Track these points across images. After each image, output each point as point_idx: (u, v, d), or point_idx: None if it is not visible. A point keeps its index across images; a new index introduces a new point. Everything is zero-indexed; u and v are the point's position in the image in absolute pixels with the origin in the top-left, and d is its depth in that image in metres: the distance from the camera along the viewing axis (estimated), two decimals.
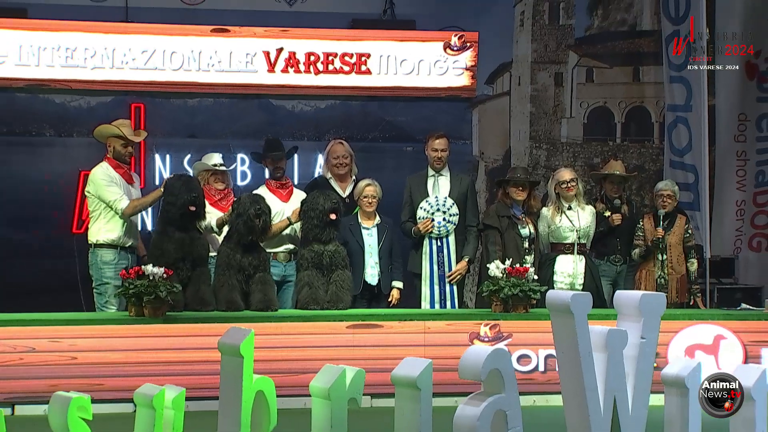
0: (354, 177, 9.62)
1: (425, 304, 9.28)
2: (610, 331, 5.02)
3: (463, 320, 8.69)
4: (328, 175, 9.64)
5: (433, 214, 9.27)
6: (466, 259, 9.40)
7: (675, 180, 10.33)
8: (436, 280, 9.31)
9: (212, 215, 9.00)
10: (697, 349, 8.59)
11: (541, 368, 8.57)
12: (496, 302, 8.73)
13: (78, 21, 10.02)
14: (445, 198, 9.33)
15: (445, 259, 9.34)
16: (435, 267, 9.31)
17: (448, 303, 9.29)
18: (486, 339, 8.49)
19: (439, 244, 9.33)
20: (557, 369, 5.17)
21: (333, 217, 8.75)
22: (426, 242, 9.32)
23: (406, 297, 9.41)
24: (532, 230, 9.39)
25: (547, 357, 8.54)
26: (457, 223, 9.32)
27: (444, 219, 9.28)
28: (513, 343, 8.47)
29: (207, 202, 8.98)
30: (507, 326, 8.62)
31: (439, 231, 9.28)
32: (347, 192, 9.52)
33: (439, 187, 9.49)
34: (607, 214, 9.69)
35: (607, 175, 9.85)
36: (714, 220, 11.52)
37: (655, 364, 5.29)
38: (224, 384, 5.40)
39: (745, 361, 8.54)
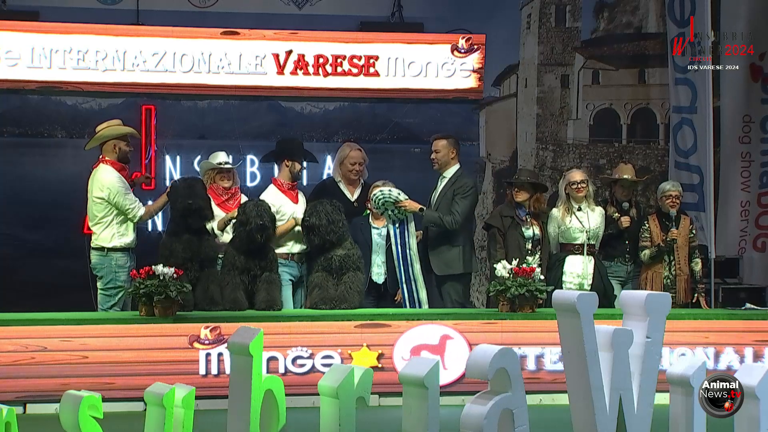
0: (362, 181, 9.67)
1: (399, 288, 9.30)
2: (615, 331, 5.03)
3: (471, 320, 8.73)
4: (338, 179, 9.67)
5: (384, 204, 9.26)
6: (421, 207, 9.30)
7: (680, 181, 10.36)
8: (401, 261, 9.32)
9: (216, 217, 9.07)
10: (423, 349, 8.49)
11: (281, 370, 8.36)
12: (502, 302, 8.78)
13: (89, 24, 10.01)
14: (389, 190, 9.27)
15: (407, 239, 9.32)
16: (400, 249, 9.31)
17: (413, 284, 9.24)
18: (206, 342, 8.27)
19: (399, 227, 9.31)
20: (563, 368, 5.21)
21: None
22: (391, 228, 9.31)
23: None
24: (537, 231, 9.43)
25: (295, 359, 8.41)
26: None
27: (393, 211, 9.27)
28: None
29: (214, 203, 9.07)
30: (512, 325, 8.69)
31: (394, 218, 9.29)
32: (355, 196, 9.55)
33: (438, 187, 9.57)
34: (616, 216, 9.73)
35: (618, 179, 9.88)
36: (719, 221, 11.51)
37: None
38: (234, 383, 5.42)
39: None
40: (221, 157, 9.31)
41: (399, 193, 9.22)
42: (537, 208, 9.51)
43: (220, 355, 8.27)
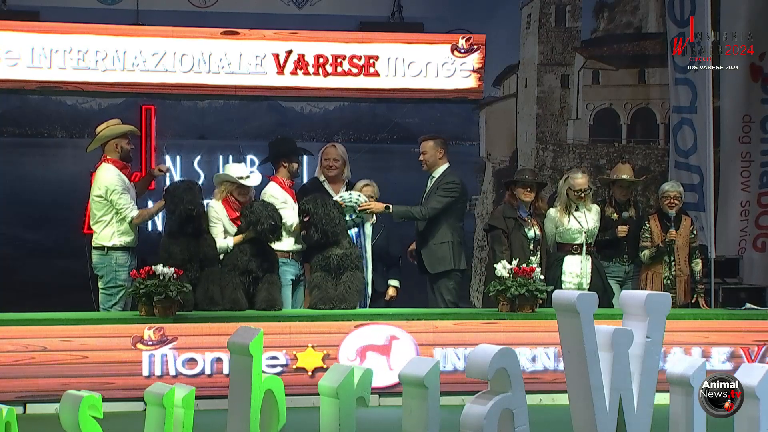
0: (347, 181, 9.68)
1: None
2: (615, 331, 5.04)
3: (471, 320, 8.74)
4: (321, 178, 9.70)
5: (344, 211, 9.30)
6: (386, 205, 9.40)
7: (680, 181, 10.36)
8: None
9: (229, 236, 8.99)
10: (369, 350, 8.49)
11: (208, 371, 8.27)
12: (503, 302, 8.78)
13: (89, 24, 9.97)
14: (350, 194, 9.34)
15: (363, 242, 9.39)
16: None
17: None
18: (150, 342, 8.19)
19: (356, 231, 9.38)
20: (563, 368, 5.21)
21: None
22: (349, 233, 9.35)
23: (411, 297, 9.51)
24: (538, 232, 9.44)
25: (214, 360, 8.31)
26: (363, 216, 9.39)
27: (352, 217, 9.32)
28: (178, 347, 8.23)
29: (227, 216, 9.00)
30: (512, 325, 8.70)
31: (351, 223, 9.35)
32: (339, 194, 9.55)
33: (427, 187, 9.64)
34: (614, 216, 9.74)
35: (616, 180, 9.89)
36: (719, 221, 11.51)
37: None
38: (234, 383, 5.43)
39: None
40: (240, 171, 9.17)
41: (359, 196, 9.25)
42: (540, 207, 9.54)
43: (164, 356, 8.25)
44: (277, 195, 9.20)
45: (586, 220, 9.50)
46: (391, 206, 9.36)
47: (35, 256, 10.34)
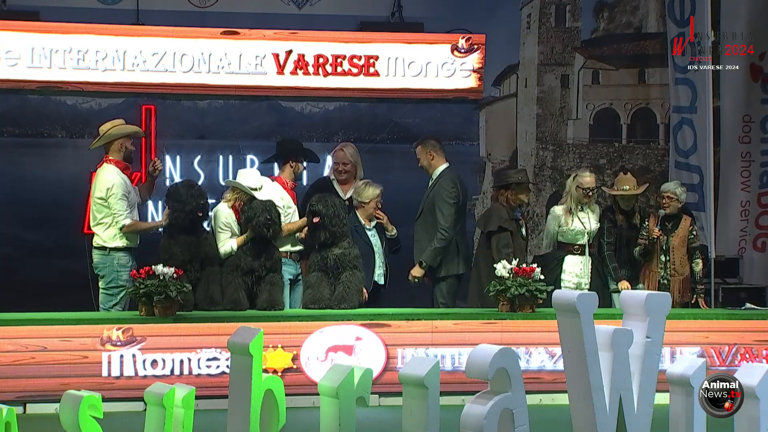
0: (359, 181, 9.68)
1: None
2: (615, 331, 5.04)
3: (471, 320, 8.75)
4: (332, 177, 9.77)
5: None
6: (420, 264, 9.48)
7: (680, 181, 10.36)
8: None
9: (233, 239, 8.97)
10: (337, 350, 8.48)
11: (177, 372, 8.25)
12: (502, 302, 8.78)
13: (89, 24, 9.96)
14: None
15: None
16: None
17: None
18: (119, 343, 8.16)
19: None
20: (563, 368, 5.21)
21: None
22: None
23: (411, 297, 9.52)
24: (525, 230, 9.58)
25: (180, 361, 8.30)
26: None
27: None
28: (146, 348, 8.21)
29: (236, 221, 8.97)
30: (512, 325, 8.70)
31: None
32: (348, 195, 9.57)
33: (427, 188, 9.69)
34: (624, 225, 9.77)
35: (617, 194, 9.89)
36: (719, 221, 11.50)
37: None
38: (234, 383, 5.43)
39: (387, 361, 8.53)
40: (255, 181, 9.12)
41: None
42: (525, 204, 9.71)
43: (133, 356, 8.23)
44: (281, 196, 9.17)
45: (589, 220, 9.53)
46: (423, 261, 9.46)
47: (35, 256, 10.33)
